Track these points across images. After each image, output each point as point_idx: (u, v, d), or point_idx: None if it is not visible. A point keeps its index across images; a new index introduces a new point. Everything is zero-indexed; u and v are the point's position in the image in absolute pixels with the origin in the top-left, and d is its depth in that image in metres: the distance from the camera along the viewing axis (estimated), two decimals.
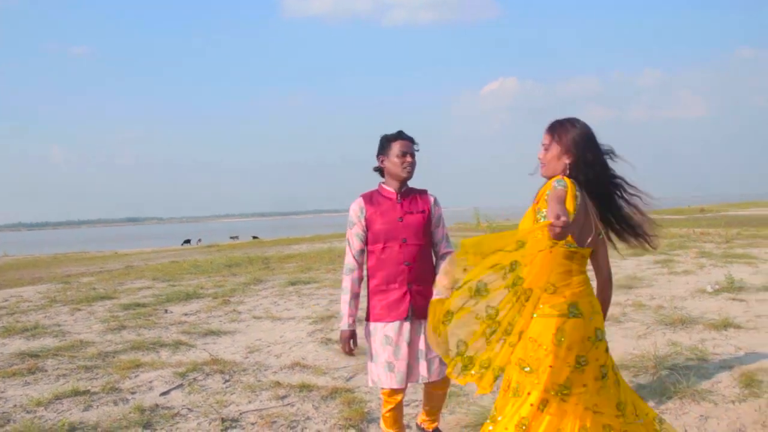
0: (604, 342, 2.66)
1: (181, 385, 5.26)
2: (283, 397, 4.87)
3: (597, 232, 2.66)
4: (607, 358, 2.67)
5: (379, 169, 3.55)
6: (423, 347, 3.36)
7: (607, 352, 2.69)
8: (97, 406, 4.81)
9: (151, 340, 6.94)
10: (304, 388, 5.03)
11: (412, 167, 3.44)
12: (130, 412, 4.60)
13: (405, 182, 3.49)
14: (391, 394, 3.44)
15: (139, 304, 9.46)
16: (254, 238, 42.29)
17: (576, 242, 2.61)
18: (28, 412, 4.70)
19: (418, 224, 3.42)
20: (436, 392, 3.57)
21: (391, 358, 3.35)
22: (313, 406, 4.66)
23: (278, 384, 5.16)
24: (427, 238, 3.47)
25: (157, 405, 4.78)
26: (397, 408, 3.51)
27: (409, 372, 3.37)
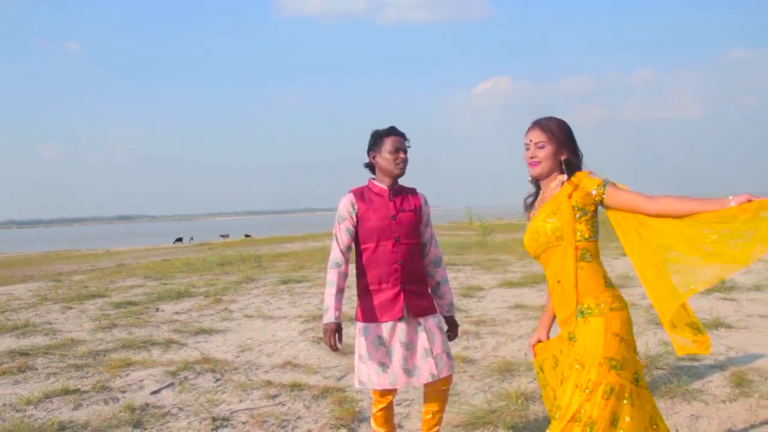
0: None
1: (171, 384, 5.24)
2: (274, 397, 4.85)
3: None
4: None
5: (370, 166, 3.44)
6: (427, 345, 3.29)
7: None
8: (87, 405, 4.79)
9: (142, 338, 6.91)
10: (296, 387, 5.02)
11: (405, 163, 3.35)
12: (121, 411, 4.58)
13: (397, 179, 3.40)
14: (383, 394, 3.38)
15: (130, 303, 9.43)
16: (247, 236, 42.23)
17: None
18: (17, 411, 4.67)
19: (411, 223, 3.36)
20: (444, 389, 3.44)
21: (384, 359, 3.29)
22: (304, 405, 4.65)
23: (269, 383, 5.15)
24: (419, 238, 3.42)
25: (147, 404, 4.76)
26: (389, 407, 3.46)
27: (414, 373, 3.29)
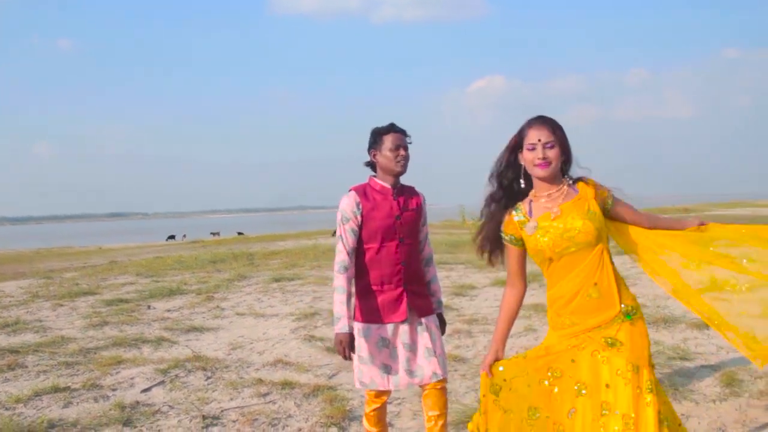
0: None
1: (162, 382, 5.22)
2: (265, 395, 4.84)
3: None
4: None
5: (371, 164, 3.37)
6: (430, 344, 3.24)
7: None
8: (77, 403, 4.76)
9: (133, 336, 6.88)
10: (287, 385, 5.01)
11: (406, 161, 3.28)
12: (111, 409, 4.56)
13: (399, 177, 3.33)
14: (378, 395, 3.33)
15: (122, 300, 9.39)
16: (239, 234, 42.18)
17: None
18: (6, 409, 4.64)
19: (413, 222, 3.33)
20: (440, 387, 3.34)
21: (387, 360, 3.24)
22: (295, 403, 4.64)
23: (260, 381, 5.14)
24: (418, 237, 3.39)
25: (137, 402, 4.74)
26: (382, 407, 3.44)
27: (416, 373, 3.24)
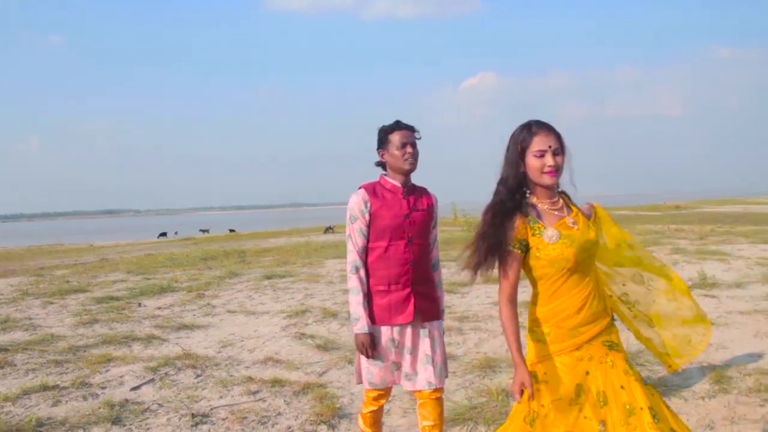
0: None
1: (152, 380, 5.20)
2: (255, 392, 4.83)
3: None
4: None
5: (381, 164, 3.32)
6: (429, 351, 3.17)
7: None
8: (66, 401, 4.74)
9: (123, 334, 6.85)
10: (276, 383, 5.00)
11: (415, 158, 3.22)
12: (100, 408, 4.54)
13: (409, 175, 3.28)
14: (378, 398, 3.28)
15: (112, 298, 9.35)
16: (231, 231, 42.05)
17: None
18: None
19: (423, 222, 3.26)
20: (435, 398, 3.26)
21: (398, 359, 3.19)
22: (285, 401, 4.63)
23: (250, 379, 5.13)
24: (428, 238, 3.32)
25: (127, 400, 4.72)
26: (380, 410, 3.38)
27: (411, 378, 3.19)
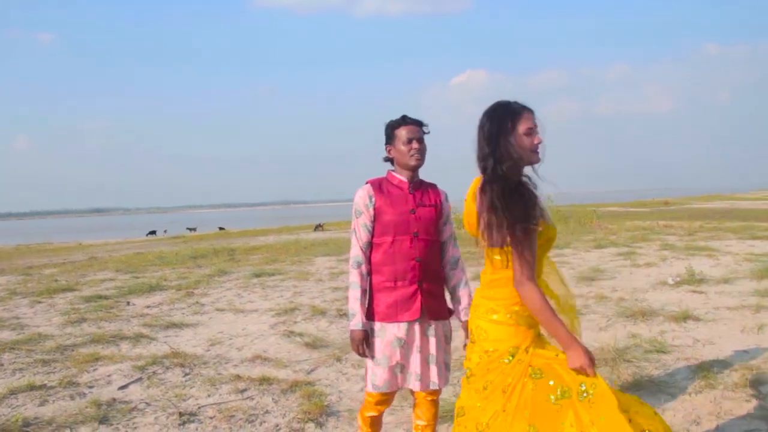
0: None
1: (140, 379, 5.18)
2: (243, 391, 4.82)
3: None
4: None
5: (389, 160, 3.27)
6: (434, 351, 3.11)
7: None
8: (53, 401, 4.71)
9: (111, 333, 6.82)
10: (264, 381, 4.99)
11: (422, 153, 3.15)
12: (87, 407, 4.52)
13: (416, 171, 3.22)
14: (378, 403, 3.20)
15: (101, 296, 9.31)
16: (221, 229, 41.93)
17: None
18: None
19: (430, 218, 3.19)
20: (431, 399, 3.25)
21: (403, 360, 3.10)
22: (273, 399, 4.62)
23: (238, 377, 5.11)
24: (437, 235, 3.24)
25: (114, 399, 4.70)
26: (379, 416, 3.32)
27: (414, 377, 3.12)
